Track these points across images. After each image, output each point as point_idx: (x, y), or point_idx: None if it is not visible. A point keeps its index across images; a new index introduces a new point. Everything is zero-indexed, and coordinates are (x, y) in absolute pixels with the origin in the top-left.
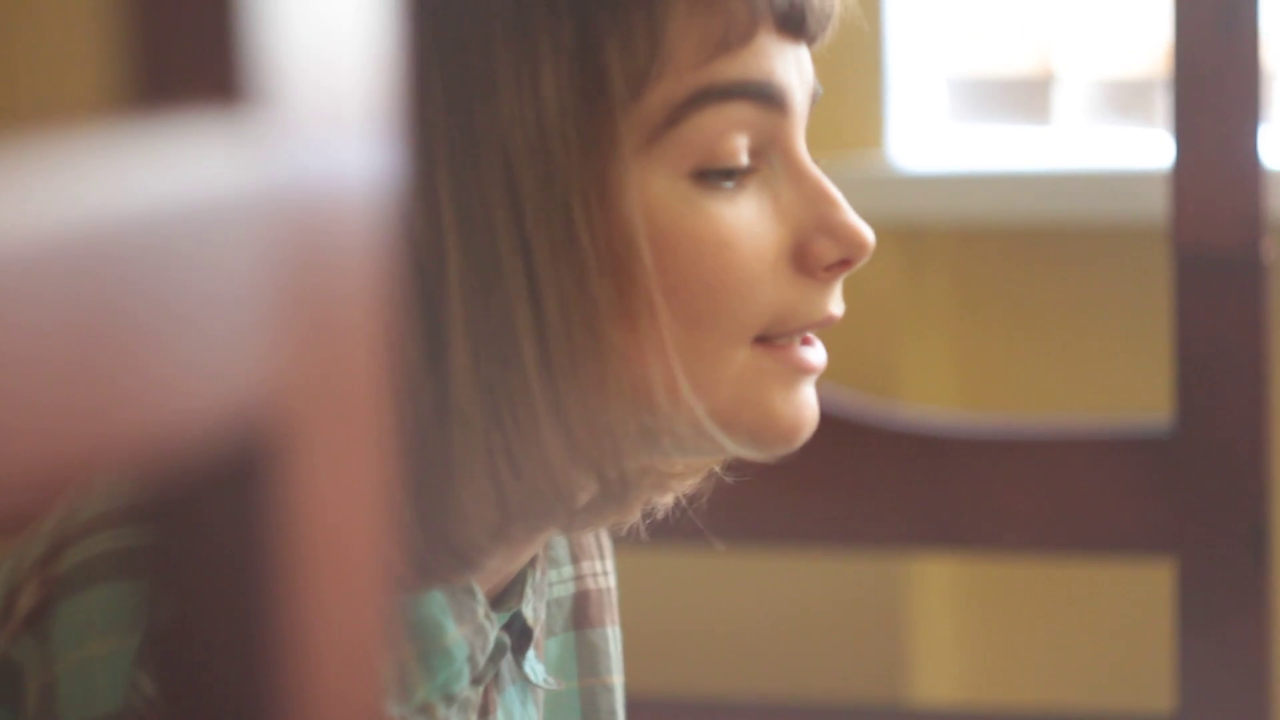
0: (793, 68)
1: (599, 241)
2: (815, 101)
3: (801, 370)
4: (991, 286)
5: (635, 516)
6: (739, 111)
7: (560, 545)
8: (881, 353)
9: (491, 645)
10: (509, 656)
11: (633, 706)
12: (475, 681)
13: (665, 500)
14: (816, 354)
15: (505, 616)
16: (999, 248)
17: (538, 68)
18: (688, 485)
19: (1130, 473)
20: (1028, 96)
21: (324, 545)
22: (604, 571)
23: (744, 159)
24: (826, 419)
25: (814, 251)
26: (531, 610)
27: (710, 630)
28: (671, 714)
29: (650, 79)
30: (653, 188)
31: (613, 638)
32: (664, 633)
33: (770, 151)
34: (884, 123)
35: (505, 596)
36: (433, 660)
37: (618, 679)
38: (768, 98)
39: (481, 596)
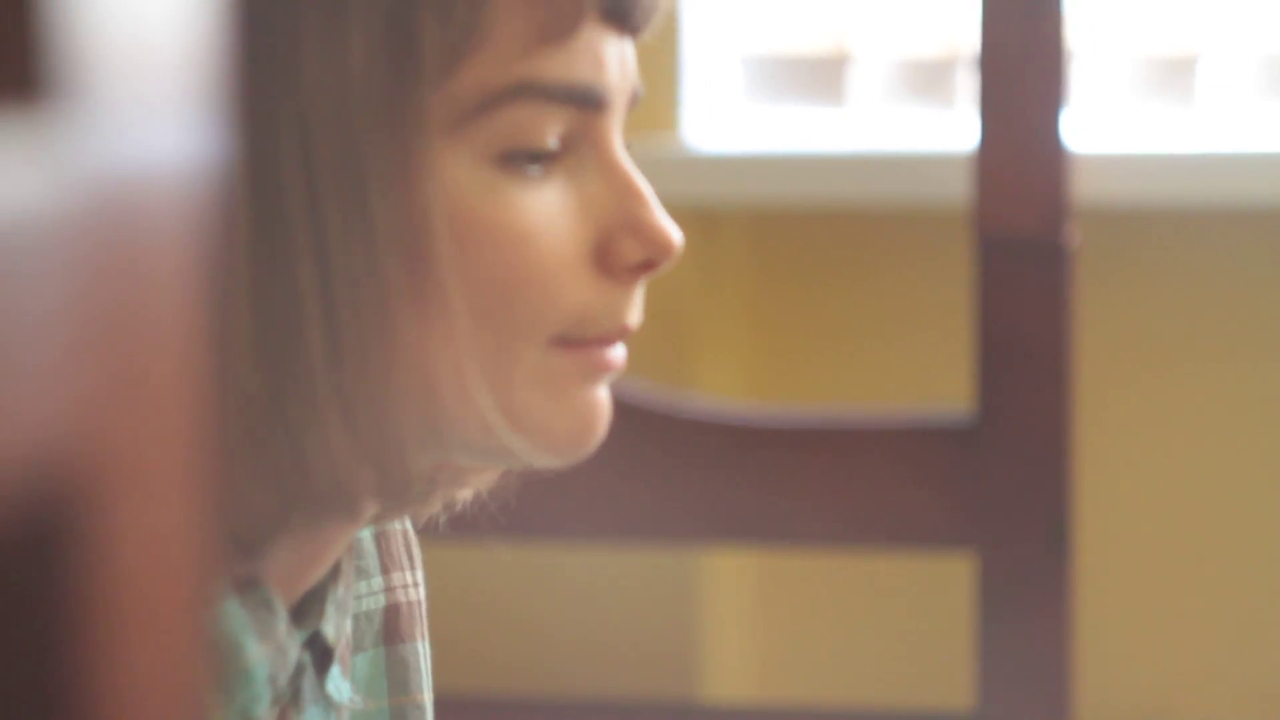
0: (615, 63)
1: (394, 221)
2: (635, 103)
3: (597, 369)
4: (788, 271)
5: (434, 509)
6: (558, 111)
7: (370, 555)
8: (675, 339)
9: (293, 665)
10: (310, 676)
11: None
12: (274, 702)
13: (464, 495)
14: (615, 352)
15: (305, 634)
16: (796, 231)
17: (346, 30)
18: (486, 480)
19: (930, 464)
20: (824, 76)
21: (137, 607)
22: (415, 583)
23: (550, 144)
24: (618, 407)
25: (616, 250)
26: (333, 628)
27: (499, 625)
28: (462, 712)
29: (465, 57)
30: (456, 171)
31: (423, 653)
32: (454, 628)
33: (581, 145)
34: (678, 103)
35: (305, 613)
36: (232, 681)
37: (428, 696)
38: (588, 101)
39: (283, 612)
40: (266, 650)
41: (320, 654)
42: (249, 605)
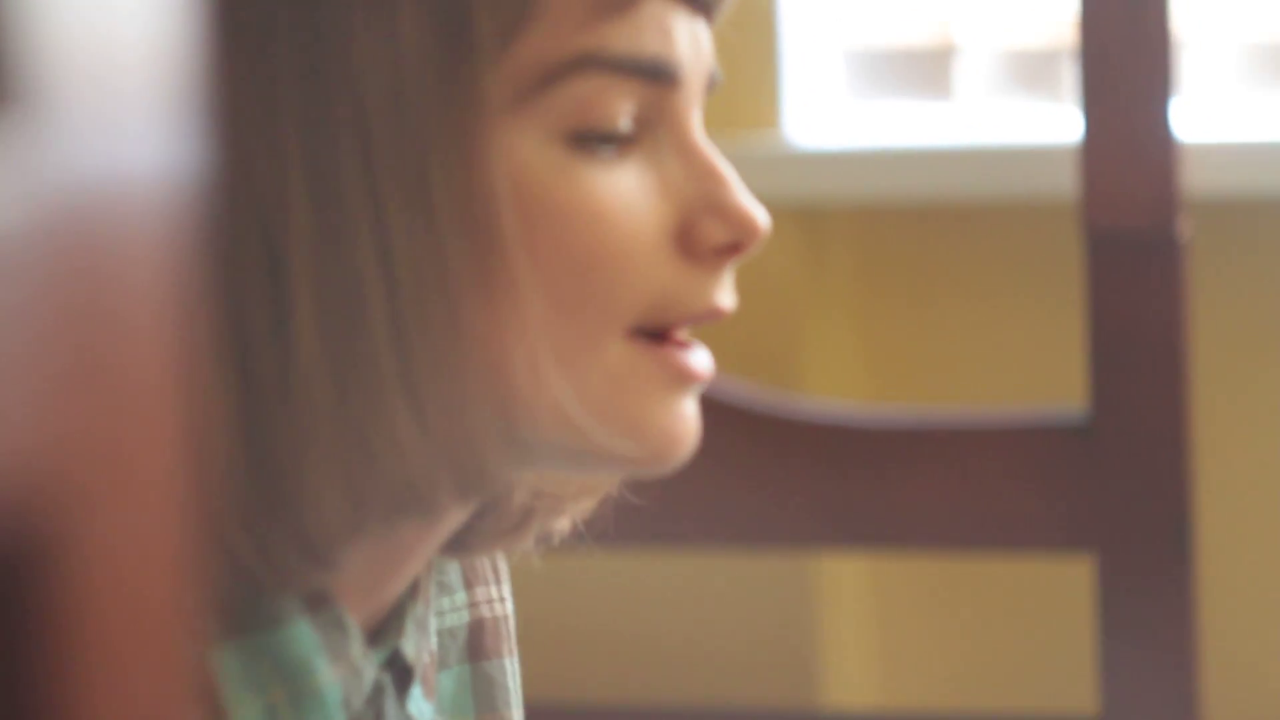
0: (687, 41)
1: (458, 204)
2: (713, 87)
3: (682, 377)
4: (896, 268)
5: (528, 542)
6: (625, 85)
7: (452, 570)
8: (781, 340)
9: (369, 687)
10: (391, 696)
11: (535, 714)
12: None
13: (560, 525)
14: (700, 360)
15: (384, 654)
16: (902, 227)
17: (396, 9)
18: (583, 509)
19: (1046, 465)
20: (928, 69)
21: (115, 645)
22: (500, 598)
23: (625, 125)
24: (725, 411)
25: (700, 232)
26: (413, 647)
27: (613, 635)
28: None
29: (523, 30)
30: (521, 150)
31: (510, 670)
32: (566, 637)
33: (658, 124)
34: (779, 99)
35: (383, 632)
36: (303, 704)
37: (518, 713)
38: (658, 75)
39: (356, 631)
40: (339, 672)
41: (401, 673)
42: (320, 625)
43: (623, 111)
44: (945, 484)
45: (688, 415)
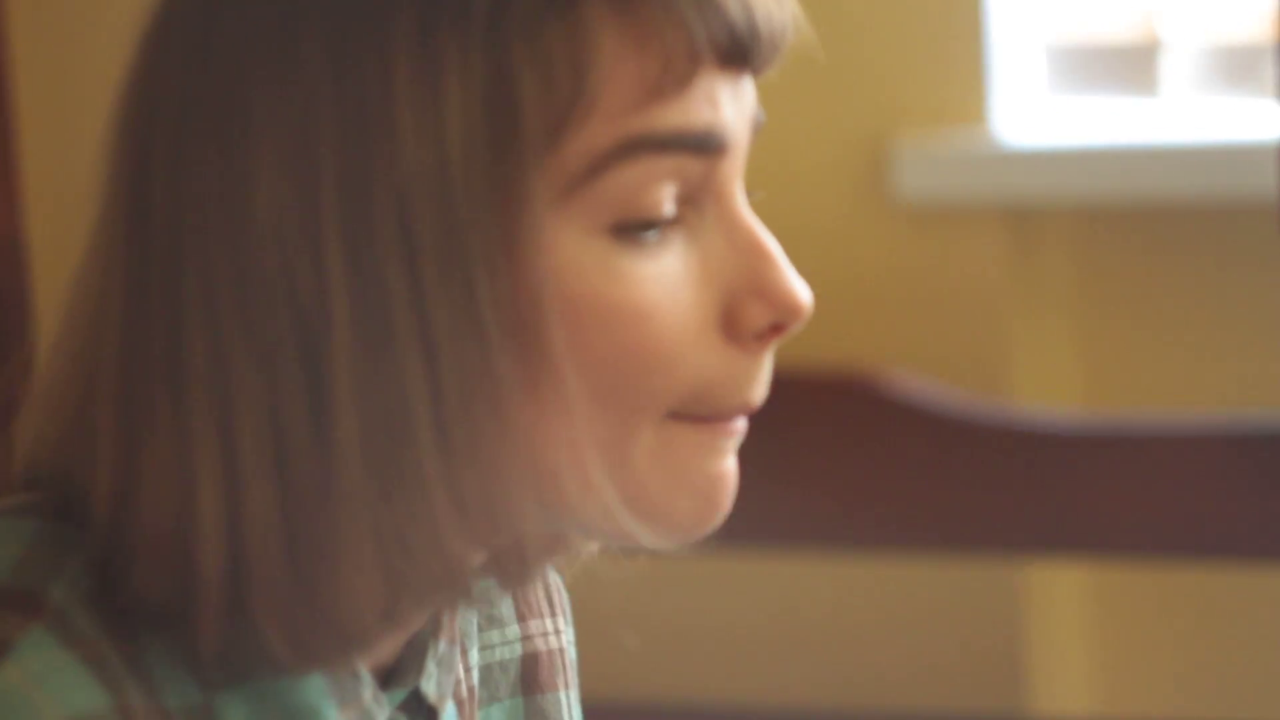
0: (731, 104)
1: (504, 306)
2: (758, 130)
3: (719, 440)
4: (1104, 269)
5: (532, 581)
6: (672, 163)
7: (504, 603)
8: (989, 344)
9: None
10: None
11: (731, 716)
12: None
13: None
14: (737, 423)
15: (401, 694)
16: (1112, 226)
17: (442, 106)
18: (589, 550)
19: (1263, 471)
20: (1132, 65)
21: None
22: (555, 631)
23: (669, 209)
24: (931, 417)
25: (744, 316)
26: (435, 686)
27: (820, 639)
28: None
29: (571, 124)
30: (566, 246)
31: (567, 703)
32: (774, 640)
33: (702, 198)
34: (986, 95)
35: (400, 671)
36: None
37: None
38: (706, 146)
39: (368, 677)
40: (349, 717)
41: (425, 713)
42: (329, 670)
43: (666, 196)
44: (1158, 490)
45: (723, 475)
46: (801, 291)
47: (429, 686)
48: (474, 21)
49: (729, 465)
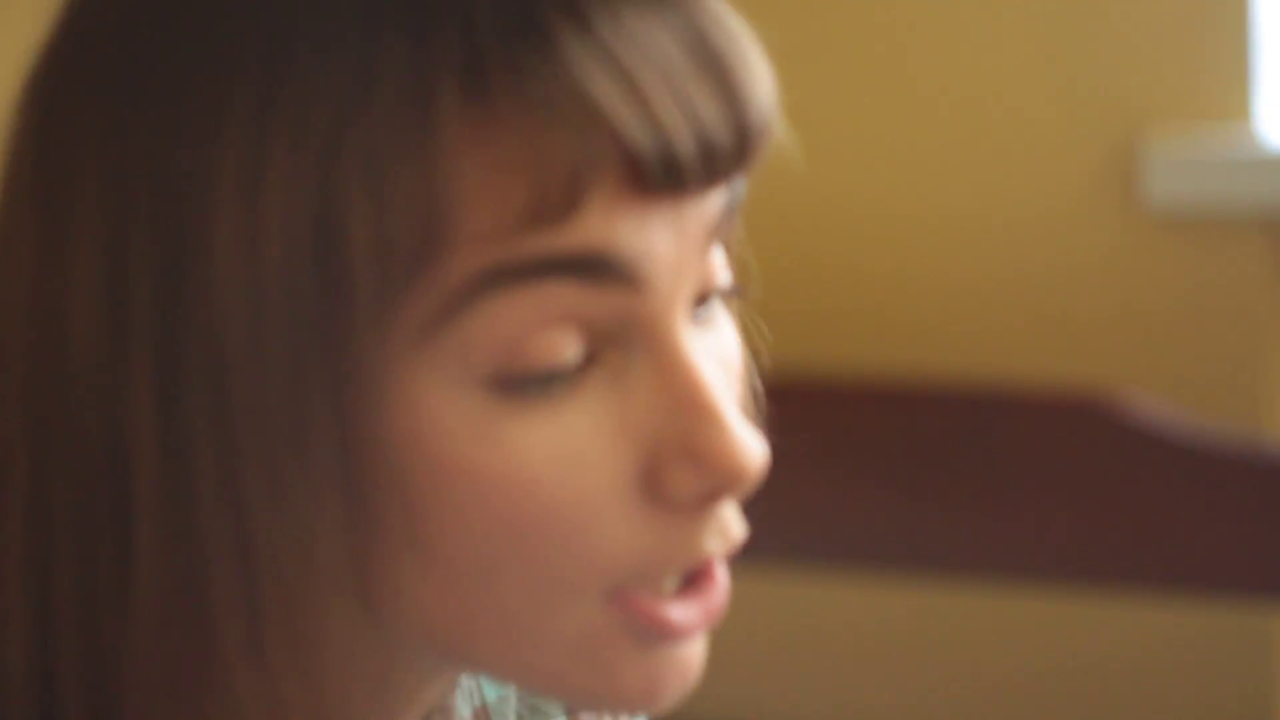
0: (662, 228)
1: (336, 482)
2: (732, 218)
3: (660, 634)
4: None
5: None
6: (556, 298)
7: None
8: (1245, 368)
9: None
10: None
11: None
12: None
13: None
14: (688, 611)
15: None
16: None
17: (263, 232)
18: None
19: None
20: None
21: None
22: None
23: (569, 355)
24: (1175, 446)
25: (670, 480)
26: None
27: (1059, 684)
28: None
29: (421, 263)
30: (426, 401)
31: None
32: (997, 683)
33: (629, 336)
34: (1250, 91)
35: None
36: None
37: None
38: (600, 274)
39: None
40: None
41: None
42: None
43: (561, 340)
44: None
45: (671, 666)
46: (745, 452)
47: None
48: (309, 142)
49: (679, 655)
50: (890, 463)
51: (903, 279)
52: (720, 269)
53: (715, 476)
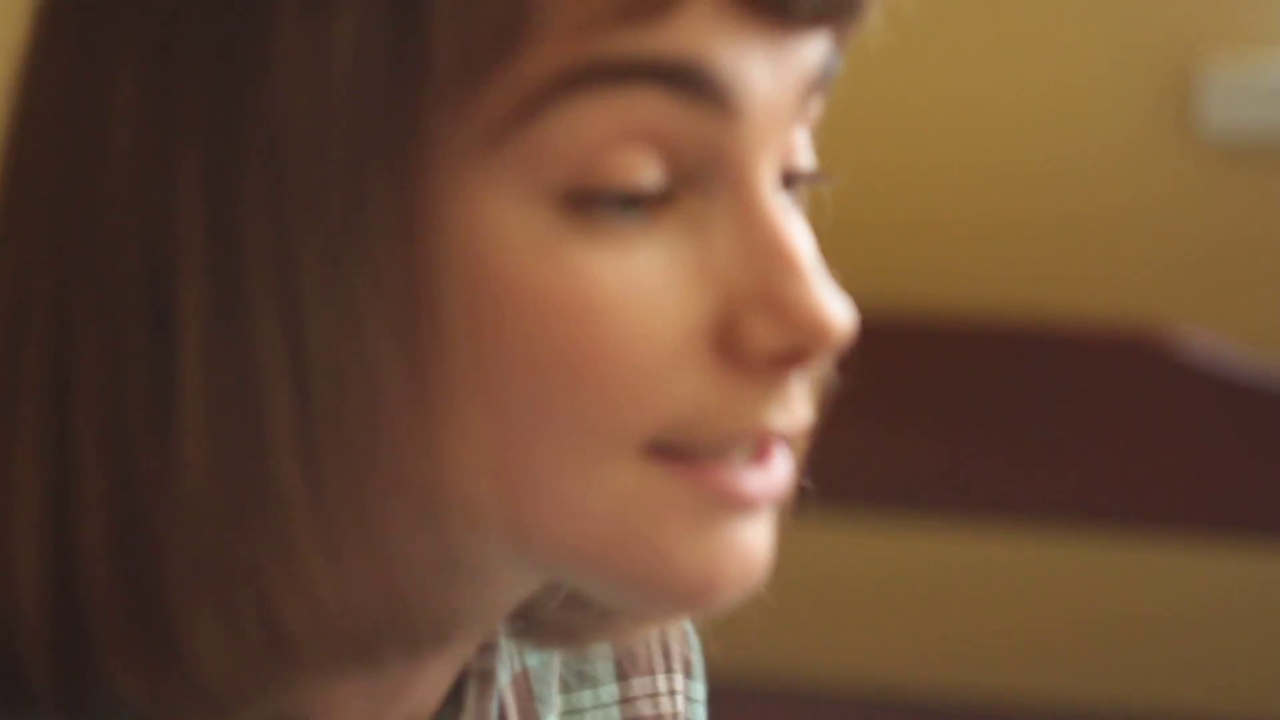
0: (761, 59)
1: (397, 289)
2: (826, 87)
3: (723, 501)
4: None
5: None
6: (639, 106)
7: (601, 658)
8: None
9: None
10: None
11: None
12: None
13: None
14: (757, 478)
15: None
16: None
17: (331, 25)
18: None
19: None
20: None
21: None
22: (670, 691)
23: (649, 179)
24: (1227, 382)
25: (748, 333)
26: None
27: (1109, 630)
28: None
29: (503, 47)
30: (491, 213)
31: None
32: (1027, 626)
33: (708, 176)
34: None
35: None
36: None
37: None
38: (696, 88)
39: None
40: None
41: None
42: None
43: (641, 159)
44: None
45: (736, 545)
46: (831, 310)
47: None
48: None
49: (746, 534)
50: (936, 405)
51: (955, 217)
52: (805, 149)
53: (796, 332)
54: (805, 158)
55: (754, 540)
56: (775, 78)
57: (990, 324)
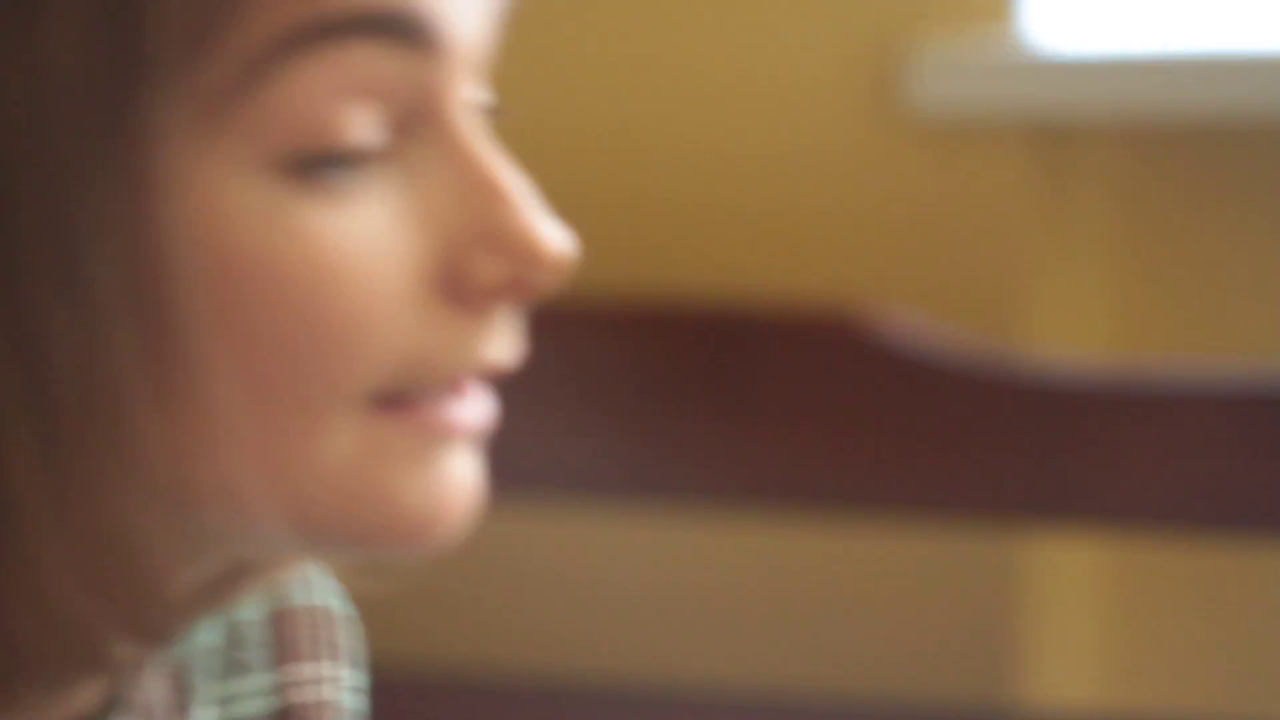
0: None
1: (121, 270)
2: (501, 23)
3: (439, 435)
4: (1151, 198)
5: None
6: (358, 61)
7: (252, 643)
8: (1007, 282)
9: None
10: None
11: (699, 694)
12: None
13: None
14: (468, 409)
15: None
16: (1160, 149)
17: (38, 6)
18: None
19: None
20: None
21: None
22: (330, 678)
23: (367, 135)
24: (921, 364)
25: (469, 270)
26: None
27: (800, 613)
28: (749, 713)
29: (222, 15)
30: (215, 189)
31: None
32: (736, 614)
33: (417, 120)
34: None
35: None
36: None
37: None
38: (406, 33)
39: None
40: None
41: None
42: None
43: (360, 116)
44: (1185, 456)
45: (452, 479)
46: (548, 234)
47: None
48: None
49: (458, 467)
50: (624, 391)
51: (633, 196)
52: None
53: (516, 260)
54: (485, 91)
55: (470, 471)
56: (469, 6)
57: (691, 308)
